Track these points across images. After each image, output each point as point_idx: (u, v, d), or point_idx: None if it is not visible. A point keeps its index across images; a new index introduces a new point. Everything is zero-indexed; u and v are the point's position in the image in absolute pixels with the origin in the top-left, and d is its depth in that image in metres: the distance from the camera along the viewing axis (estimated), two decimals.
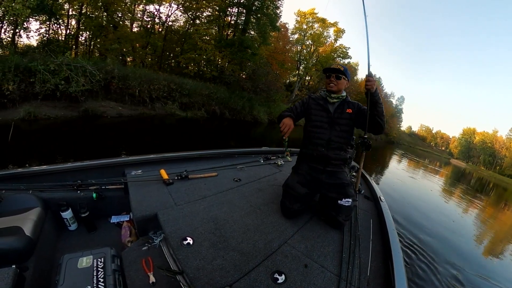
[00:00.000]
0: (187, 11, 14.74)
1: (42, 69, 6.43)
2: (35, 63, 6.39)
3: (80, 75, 7.27)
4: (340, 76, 1.56)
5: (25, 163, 3.79)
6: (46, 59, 6.83)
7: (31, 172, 1.56)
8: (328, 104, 1.62)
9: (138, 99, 9.39)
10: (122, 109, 8.68)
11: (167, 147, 6.11)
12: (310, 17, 26.11)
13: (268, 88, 16.40)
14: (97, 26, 11.10)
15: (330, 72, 1.59)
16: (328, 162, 1.58)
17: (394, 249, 1.29)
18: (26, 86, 6.22)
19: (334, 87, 1.58)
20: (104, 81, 8.13)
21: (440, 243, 3.81)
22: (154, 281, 1.03)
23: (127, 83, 8.98)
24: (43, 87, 6.46)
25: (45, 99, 6.63)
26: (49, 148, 4.69)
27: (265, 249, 1.21)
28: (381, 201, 1.98)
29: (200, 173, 1.99)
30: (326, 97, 1.63)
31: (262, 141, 10.21)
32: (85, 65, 7.50)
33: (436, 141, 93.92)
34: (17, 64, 6.06)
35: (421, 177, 12.14)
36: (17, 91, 5.93)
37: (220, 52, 14.55)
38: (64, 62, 7.02)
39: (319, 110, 1.62)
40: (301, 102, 1.69)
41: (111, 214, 1.67)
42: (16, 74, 5.98)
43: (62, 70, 6.88)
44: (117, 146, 5.40)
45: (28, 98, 6.29)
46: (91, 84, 7.54)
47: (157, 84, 10.05)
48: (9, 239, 1.03)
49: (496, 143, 53.25)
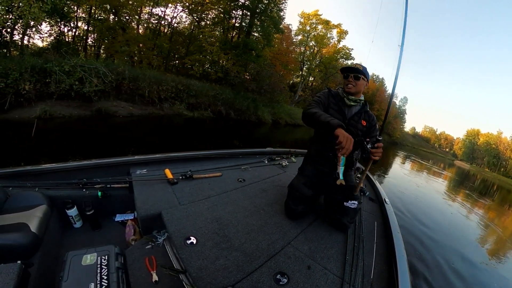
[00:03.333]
0: (192, 13, 14.82)
1: (57, 70, 6.56)
2: (50, 64, 6.53)
3: (93, 76, 7.39)
4: (359, 76, 1.41)
5: (47, 157, 3.94)
6: (60, 60, 6.96)
7: (38, 170, 1.56)
8: (345, 107, 1.48)
9: (147, 99, 9.49)
10: (133, 109, 8.80)
11: (175, 146, 6.16)
12: (313, 18, 25.94)
13: (272, 89, 16.35)
14: (107, 28, 11.25)
15: (348, 72, 1.43)
16: (335, 166, 1.53)
17: (398, 252, 1.24)
18: (41, 86, 6.34)
19: (353, 89, 1.43)
20: (116, 81, 8.24)
21: (445, 247, 3.69)
22: (157, 279, 1.01)
23: (137, 84, 9.08)
24: (58, 87, 6.59)
25: (59, 99, 6.76)
26: (67, 144, 4.83)
27: (268, 250, 1.18)
28: (386, 203, 1.92)
29: (204, 173, 1.96)
30: (344, 98, 1.48)
31: (266, 141, 10.18)
32: (98, 67, 7.62)
33: (440, 143, 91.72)
34: (33, 65, 6.20)
35: (425, 178, 11.86)
36: (33, 91, 6.06)
37: (226, 54, 14.58)
38: (78, 63, 7.16)
39: (335, 111, 1.47)
40: (322, 97, 1.50)
41: (115, 212, 1.65)
42: (32, 75, 6.11)
43: (76, 71, 7.01)
44: (131, 144, 5.51)
45: (43, 98, 6.43)
46: (103, 85, 7.66)
47: (165, 85, 10.14)
48: (15, 235, 1.02)
49: (500, 145, 51.69)
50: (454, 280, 2.83)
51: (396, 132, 46.04)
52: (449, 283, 2.75)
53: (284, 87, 19.44)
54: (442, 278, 2.80)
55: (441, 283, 2.71)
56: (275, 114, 16.68)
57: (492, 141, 52.85)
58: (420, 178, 11.63)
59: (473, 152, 56.42)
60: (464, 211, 7.02)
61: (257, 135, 11.89)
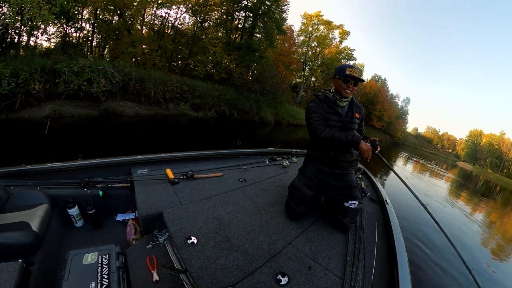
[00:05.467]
0: (195, 14, 14.83)
1: (66, 71, 6.64)
2: (59, 65, 6.61)
3: (101, 77, 7.45)
4: (357, 83, 1.46)
5: (61, 154, 4.03)
6: (69, 61, 7.04)
7: (40, 169, 1.55)
8: (337, 107, 1.51)
9: (153, 99, 9.55)
10: (139, 109, 8.88)
11: (180, 145, 6.20)
12: (316, 19, 25.77)
13: (275, 90, 16.33)
14: (112, 30, 11.32)
15: (350, 78, 1.44)
16: (336, 165, 1.50)
17: (399, 253, 1.22)
18: (50, 86, 6.43)
19: (350, 94, 1.47)
20: (123, 82, 8.30)
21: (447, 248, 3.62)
22: (157, 279, 1.01)
23: (143, 84, 9.14)
24: (67, 87, 6.67)
25: (68, 98, 6.84)
26: (80, 142, 4.93)
27: (269, 250, 1.16)
28: (387, 204, 1.88)
29: (205, 173, 1.93)
30: (336, 100, 1.50)
31: (269, 141, 10.16)
32: (106, 68, 7.68)
33: (442, 143, 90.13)
34: (43, 66, 6.28)
35: (427, 180, 11.68)
36: (42, 91, 6.14)
37: (229, 55, 14.58)
38: (86, 64, 7.23)
39: (331, 114, 1.49)
40: (317, 106, 1.50)
41: (116, 212, 1.64)
42: (41, 75, 6.19)
43: (85, 72, 7.08)
44: (138, 143, 5.61)
45: (52, 97, 6.51)
46: (111, 85, 7.72)
47: (170, 86, 10.19)
48: (17, 234, 1.01)
49: (503, 145, 50.54)
50: (454, 281, 2.78)
51: (398, 132, 45.44)
52: (449, 284, 2.70)
53: (287, 87, 19.38)
54: (442, 278, 2.74)
55: (442, 284, 2.66)
56: (278, 114, 16.68)
57: (495, 142, 51.71)
58: (422, 180, 11.45)
59: (476, 153, 55.29)
60: (466, 212, 6.88)
61: (260, 135, 11.88)
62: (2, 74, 5.27)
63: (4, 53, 6.80)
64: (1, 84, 5.23)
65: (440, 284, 2.64)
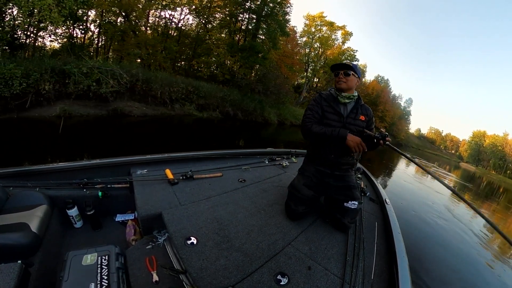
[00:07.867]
0: (199, 16, 14.84)
1: (76, 72, 6.72)
2: (69, 66, 6.69)
3: (109, 77, 7.52)
4: (348, 72, 1.37)
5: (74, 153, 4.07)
6: (78, 62, 7.13)
7: (39, 170, 1.53)
8: (339, 106, 1.42)
9: (159, 100, 9.62)
10: (146, 109, 8.96)
11: (185, 144, 6.23)
12: (318, 20, 25.59)
13: (278, 91, 16.27)
14: (118, 31, 11.39)
15: (337, 69, 1.40)
16: (336, 167, 1.46)
17: (399, 253, 1.20)
18: (60, 86, 6.52)
19: (344, 85, 1.39)
20: (130, 83, 8.38)
21: (447, 248, 3.54)
22: (157, 279, 0.99)
23: (149, 85, 9.21)
24: (76, 87, 6.76)
25: (77, 99, 6.93)
26: (92, 141, 4.99)
27: (268, 250, 1.15)
28: (387, 204, 1.84)
29: (205, 173, 1.91)
30: (337, 96, 1.42)
31: (272, 141, 10.14)
32: (114, 69, 7.75)
33: (445, 144, 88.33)
34: (53, 67, 6.37)
35: (429, 180, 11.46)
36: (52, 91, 6.23)
37: (232, 56, 14.56)
38: (95, 65, 7.31)
39: (330, 113, 1.42)
40: (315, 106, 1.45)
41: (116, 212, 1.61)
42: (51, 76, 6.28)
43: (94, 73, 7.16)
44: (147, 142, 5.63)
45: (61, 97, 6.60)
46: (118, 86, 7.80)
47: (176, 87, 10.25)
48: (16, 235, 1.00)
49: (506, 147, 49.34)
50: (454, 281, 2.74)
51: (401, 133, 44.82)
52: (449, 284, 2.66)
53: (290, 88, 19.30)
54: (442, 279, 2.69)
55: (442, 284, 2.61)
56: (281, 115, 16.63)
57: (498, 143, 50.52)
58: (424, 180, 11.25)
59: (479, 154, 54.13)
60: (469, 212, 6.73)
61: (264, 135, 11.87)
62: (14, 75, 5.35)
63: (14, 54, 6.88)
64: (13, 84, 5.32)
65: (440, 283, 2.58)
